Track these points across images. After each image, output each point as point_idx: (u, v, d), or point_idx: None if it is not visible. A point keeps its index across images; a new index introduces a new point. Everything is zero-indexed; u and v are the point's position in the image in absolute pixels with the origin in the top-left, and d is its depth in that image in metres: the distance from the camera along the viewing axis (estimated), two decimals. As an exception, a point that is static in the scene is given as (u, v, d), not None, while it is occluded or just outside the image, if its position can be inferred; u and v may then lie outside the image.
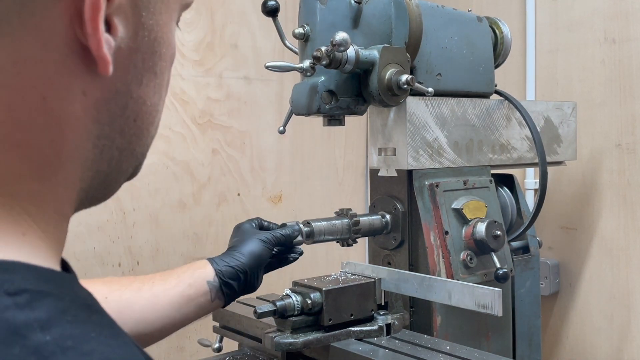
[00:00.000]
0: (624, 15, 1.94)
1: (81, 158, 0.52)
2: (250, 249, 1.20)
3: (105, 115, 0.52)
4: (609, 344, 2.02)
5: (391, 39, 1.41)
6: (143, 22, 0.52)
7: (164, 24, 0.55)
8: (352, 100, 1.39)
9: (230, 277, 1.15)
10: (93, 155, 0.53)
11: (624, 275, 1.97)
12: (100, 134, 0.52)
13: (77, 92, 0.49)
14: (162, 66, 0.56)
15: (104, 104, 0.52)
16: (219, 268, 1.15)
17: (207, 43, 2.21)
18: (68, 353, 0.41)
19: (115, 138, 0.54)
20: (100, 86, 0.51)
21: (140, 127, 0.56)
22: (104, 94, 0.51)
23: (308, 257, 1.21)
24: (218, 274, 1.14)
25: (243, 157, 2.30)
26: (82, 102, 0.50)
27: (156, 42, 0.54)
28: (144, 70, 0.54)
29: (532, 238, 1.72)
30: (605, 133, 2.00)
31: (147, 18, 0.52)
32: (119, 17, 0.49)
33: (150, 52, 0.54)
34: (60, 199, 0.52)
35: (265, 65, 1.35)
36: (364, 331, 1.26)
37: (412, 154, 1.46)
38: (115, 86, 0.52)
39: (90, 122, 0.51)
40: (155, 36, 0.54)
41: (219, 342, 1.51)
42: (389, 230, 1.50)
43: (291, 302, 1.21)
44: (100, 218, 2.00)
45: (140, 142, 0.58)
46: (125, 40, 0.51)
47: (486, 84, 1.64)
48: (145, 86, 0.55)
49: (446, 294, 1.22)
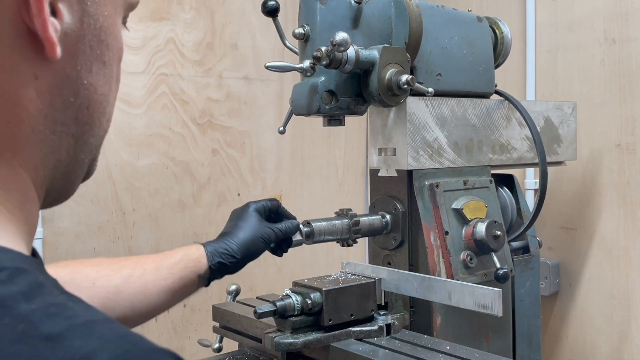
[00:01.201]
0: (624, 15, 1.94)
1: (39, 141, 0.55)
2: (248, 246, 1.20)
3: (59, 100, 0.55)
4: (608, 344, 2.02)
5: (391, 39, 1.41)
6: (88, 10, 0.55)
7: (109, 15, 0.58)
8: (352, 100, 1.39)
9: (221, 273, 1.18)
10: (51, 142, 0.56)
11: (623, 275, 1.97)
12: (56, 119, 0.55)
13: (29, 76, 0.52)
14: (110, 57, 0.59)
15: (57, 89, 0.55)
16: (213, 263, 1.16)
17: (207, 43, 2.21)
18: (54, 318, 0.44)
19: (70, 125, 0.57)
20: (52, 71, 0.54)
21: (92, 115, 0.59)
22: (55, 79, 0.54)
23: (308, 257, 1.21)
24: (211, 267, 1.16)
25: (243, 157, 2.30)
26: (35, 86, 0.53)
27: (102, 31, 0.57)
28: (93, 58, 0.57)
29: (532, 238, 1.72)
30: (605, 133, 2.00)
31: (91, 7, 0.56)
32: (63, 3, 0.52)
33: (97, 40, 0.57)
34: (23, 181, 0.55)
35: (265, 65, 1.35)
36: (364, 331, 1.26)
37: (412, 154, 1.46)
38: (65, 71, 0.55)
39: (45, 106, 0.54)
40: (102, 25, 0.57)
41: (219, 342, 1.51)
42: (389, 230, 1.50)
43: (291, 302, 1.21)
44: (101, 218, 2.00)
45: (92, 131, 0.60)
46: (71, 26, 0.54)
47: (486, 84, 1.64)
48: (95, 74, 0.58)
49: (446, 294, 1.22)
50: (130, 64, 2.06)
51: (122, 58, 0.62)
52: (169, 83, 2.14)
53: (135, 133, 2.07)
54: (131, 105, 2.07)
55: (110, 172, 2.03)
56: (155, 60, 2.11)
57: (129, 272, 1.11)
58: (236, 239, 1.20)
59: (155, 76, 2.11)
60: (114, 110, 0.64)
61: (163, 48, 2.12)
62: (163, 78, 2.13)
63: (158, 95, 2.12)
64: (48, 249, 1.90)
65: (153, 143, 2.10)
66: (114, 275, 1.09)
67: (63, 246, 1.94)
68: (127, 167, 2.06)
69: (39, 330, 0.43)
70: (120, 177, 2.04)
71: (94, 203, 1.99)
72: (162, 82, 2.12)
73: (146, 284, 1.10)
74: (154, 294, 1.11)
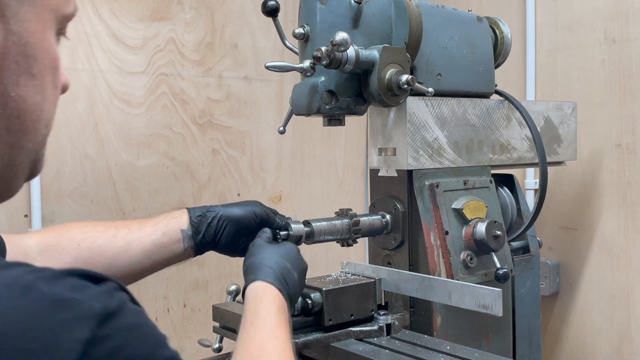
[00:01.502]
0: (624, 16, 1.94)
1: None
2: (233, 208, 1.19)
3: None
4: (608, 343, 2.02)
5: (391, 39, 1.41)
6: (11, 28, 0.60)
7: (35, 31, 0.62)
8: (352, 100, 1.39)
9: (203, 227, 1.15)
10: None
11: (623, 275, 1.97)
12: None
13: None
14: (41, 69, 0.63)
15: None
16: (194, 216, 1.16)
17: (207, 43, 2.21)
18: None
19: (2, 134, 0.61)
20: None
21: (25, 123, 0.63)
22: None
23: (308, 257, 1.21)
24: (192, 222, 1.15)
25: (243, 157, 2.30)
26: None
27: (28, 47, 0.61)
28: (20, 72, 0.61)
29: (532, 238, 1.72)
30: (605, 133, 2.00)
31: (14, 25, 0.60)
32: None
33: (23, 56, 0.61)
34: None
35: (265, 65, 1.34)
36: (364, 331, 1.26)
37: (412, 154, 1.47)
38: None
39: None
40: (27, 41, 0.61)
41: (219, 342, 1.51)
42: (389, 230, 1.50)
43: (291, 302, 1.21)
44: (101, 218, 2.00)
45: (27, 137, 0.64)
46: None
47: (486, 84, 1.64)
48: (23, 86, 0.62)
49: (446, 294, 1.22)
50: (130, 64, 2.06)
51: (58, 67, 0.66)
52: (169, 83, 2.14)
53: (135, 133, 2.07)
54: (131, 105, 2.07)
55: (110, 172, 2.03)
56: (155, 60, 2.11)
57: (114, 232, 1.12)
58: (227, 209, 1.20)
59: (156, 76, 2.11)
60: (53, 116, 0.67)
61: (163, 48, 2.12)
62: (163, 78, 2.13)
63: (158, 95, 2.12)
64: (48, 249, 1.90)
65: (153, 143, 2.10)
66: (99, 236, 1.11)
67: (63, 246, 1.93)
68: (127, 167, 2.06)
69: None
70: (120, 177, 2.04)
71: (94, 203, 1.99)
72: (162, 82, 2.12)
73: (130, 242, 1.11)
74: (138, 251, 1.11)
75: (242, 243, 1.19)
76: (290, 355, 0.88)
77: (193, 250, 1.16)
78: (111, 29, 2.03)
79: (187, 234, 1.14)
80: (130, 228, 1.13)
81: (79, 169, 1.96)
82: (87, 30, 1.98)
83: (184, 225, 1.15)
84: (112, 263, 1.09)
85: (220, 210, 1.18)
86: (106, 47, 2.02)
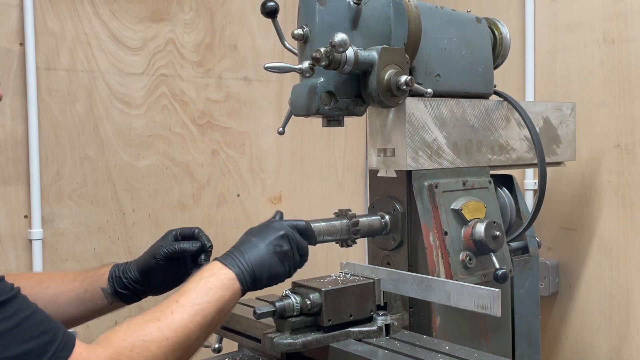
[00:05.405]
0: (623, 16, 1.94)
1: None
2: (145, 262, 1.26)
3: None
4: (608, 344, 2.02)
5: (390, 40, 1.41)
6: None
7: None
8: (351, 101, 1.39)
9: (121, 287, 1.25)
10: None
11: (623, 276, 1.98)
12: None
13: None
14: None
15: None
16: (113, 277, 1.25)
17: (206, 44, 2.21)
18: None
19: None
20: None
21: None
22: None
23: (308, 258, 1.21)
24: (110, 282, 1.25)
25: (243, 157, 2.30)
26: None
27: None
28: None
29: (531, 238, 1.72)
30: (605, 133, 2.00)
31: None
32: None
33: None
34: None
35: (264, 66, 1.35)
36: (363, 332, 1.26)
37: (411, 154, 1.47)
38: None
39: None
40: None
41: (219, 343, 1.51)
42: (388, 230, 1.50)
43: (290, 302, 1.21)
44: (100, 219, 2.00)
45: None
46: None
47: (485, 84, 1.64)
48: None
49: (445, 294, 1.22)
50: (130, 65, 2.07)
51: None
52: (169, 84, 2.14)
53: (135, 134, 2.07)
54: (131, 106, 2.07)
55: (110, 172, 2.03)
56: (155, 61, 2.11)
57: (49, 284, 1.23)
58: (139, 258, 1.29)
59: (155, 77, 2.11)
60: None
61: (163, 49, 2.12)
62: (163, 79, 2.13)
63: (158, 96, 2.12)
64: (48, 250, 1.91)
65: (153, 144, 2.10)
66: (36, 286, 1.22)
67: (63, 247, 1.94)
68: (126, 168, 2.06)
69: None
70: (120, 177, 2.05)
71: (94, 204, 1.99)
72: (161, 83, 2.12)
73: (57, 294, 1.23)
74: (63, 303, 1.22)
75: (172, 278, 1.29)
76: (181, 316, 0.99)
77: (123, 301, 1.27)
78: (111, 30, 2.03)
79: (107, 292, 1.25)
80: (64, 280, 1.25)
81: (79, 169, 1.97)
82: (86, 31, 1.99)
83: (104, 284, 1.26)
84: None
85: (131, 264, 1.28)
86: (106, 48, 2.02)
